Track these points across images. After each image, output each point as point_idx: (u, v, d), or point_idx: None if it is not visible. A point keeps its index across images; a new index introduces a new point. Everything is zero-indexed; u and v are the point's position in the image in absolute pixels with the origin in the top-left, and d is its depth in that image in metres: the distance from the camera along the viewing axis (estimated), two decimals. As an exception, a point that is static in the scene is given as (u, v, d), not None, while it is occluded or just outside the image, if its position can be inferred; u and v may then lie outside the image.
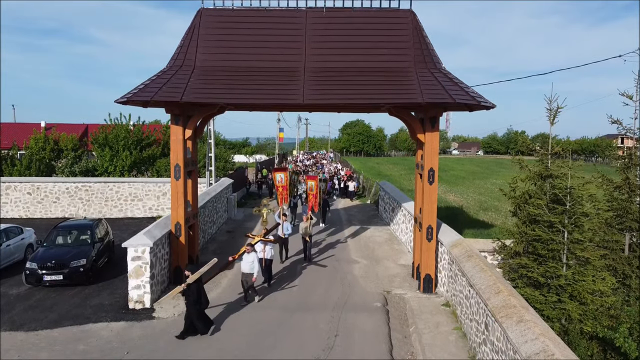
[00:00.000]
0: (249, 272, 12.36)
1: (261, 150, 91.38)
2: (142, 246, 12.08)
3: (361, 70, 12.90)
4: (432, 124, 13.25)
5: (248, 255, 12.46)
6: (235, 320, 11.56)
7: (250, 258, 12.42)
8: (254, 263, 12.36)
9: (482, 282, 9.71)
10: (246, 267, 12.40)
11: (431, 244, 13.43)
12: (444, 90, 12.23)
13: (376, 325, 11.34)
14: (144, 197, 24.69)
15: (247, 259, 12.43)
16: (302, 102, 12.27)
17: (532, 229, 9.84)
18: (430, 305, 12.59)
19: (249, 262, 12.37)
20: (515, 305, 8.17)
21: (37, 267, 13.38)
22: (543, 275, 9.33)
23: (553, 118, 10.39)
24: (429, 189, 13.33)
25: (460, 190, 43.78)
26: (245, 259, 12.47)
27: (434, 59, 13.20)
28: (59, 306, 12.41)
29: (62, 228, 15.16)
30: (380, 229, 21.92)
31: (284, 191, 18.24)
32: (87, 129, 47.55)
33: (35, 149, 29.74)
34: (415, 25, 13.27)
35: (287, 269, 15.62)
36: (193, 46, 13.18)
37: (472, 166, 79.54)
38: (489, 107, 12.90)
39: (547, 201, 9.98)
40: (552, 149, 10.48)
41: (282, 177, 18.65)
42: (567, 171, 9.88)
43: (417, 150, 15.14)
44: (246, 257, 12.47)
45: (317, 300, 12.91)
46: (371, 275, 15.11)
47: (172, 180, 13.55)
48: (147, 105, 13.77)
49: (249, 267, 12.36)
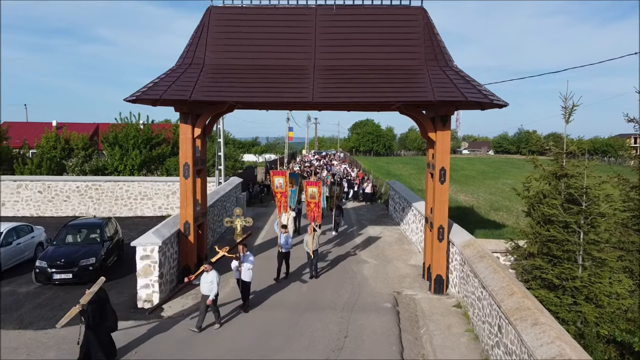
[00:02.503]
0: (206, 293, 10.74)
1: (270, 150, 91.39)
2: (151, 245, 12.04)
3: (371, 68, 12.74)
4: (443, 123, 13.05)
5: (207, 275, 10.77)
6: (244, 320, 11.47)
7: (209, 278, 10.74)
8: (212, 284, 10.68)
9: (495, 283, 9.51)
10: (204, 288, 10.78)
11: (442, 244, 13.23)
12: (456, 88, 12.03)
13: (386, 326, 11.18)
14: (154, 195, 24.73)
15: (206, 278, 10.76)
16: (312, 100, 12.14)
17: (547, 230, 9.61)
18: (441, 307, 12.39)
19: (207, 282, 10.72)
20: (529, 307, 7.97)
21: (47, 265, 13.40)
22: (558, 276, 9.10)
23: (568, 116, 10.15)
24: (440, 188, 13.13)
25: (470, 190, 43.38)
26: (203, 279, 10.83)
27: (446, 57, 13.00)
28: (68, 304, 12.33)
29: (71, 227, 15.19)
30: (390, 229, 21.73)
31: (282, 198, 15.88)
32: (98, 128, 47.88)
33: (46, 147, 29.97)
34: (427, 22, 13.08)
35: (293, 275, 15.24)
36: (202, 44, 13.11)
37: (483, 166, 78.86)
38: (502, 105, 12.67)
39: (562, 201, 9.75)
40: (567, 148, 10.24)
41: (280, 182, 16.11)
42: (583, 170, 9.65)
43: (427, 150, 14.94)
44: (205, 276, 10.80)
45: (326, 300, 12.77)
46: (381, 275, 14.94)
47: (180, 179, 13.50)
48: (156, 104, 13.74)
49: (206, 288, 10.72)
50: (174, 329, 10.92)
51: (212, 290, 10.66)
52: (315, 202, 15.61)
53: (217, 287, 10.72)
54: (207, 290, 10.72)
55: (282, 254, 14.18)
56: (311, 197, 15.82)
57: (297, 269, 15.17)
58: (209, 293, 10.68)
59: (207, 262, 10.94)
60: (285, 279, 14.16)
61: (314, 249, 14.28)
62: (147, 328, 10.98)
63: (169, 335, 10.60)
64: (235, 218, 12.85)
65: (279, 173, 16.65)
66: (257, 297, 12.82)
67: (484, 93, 12.22)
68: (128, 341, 10.23)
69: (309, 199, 15.75)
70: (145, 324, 11.21)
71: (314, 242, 14.25)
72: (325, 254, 17.33)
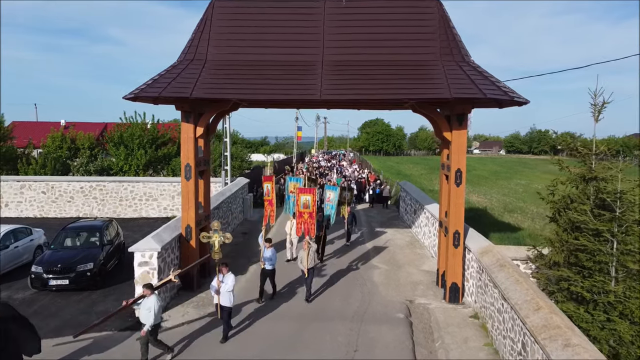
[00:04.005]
0: (143, 322, 9.23)
1: (279, 149, 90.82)
2: (150, 251, 11.42)
3: (383, 64, 12.00)
4: (459, 121, 12.27)
5: (147, 300, 9.21)
6: (248, 330, 10.80)
7: (147, 304, 9.15)
8: (150, 312, 9.06)
9: (518, 296, 8.75)
10: (142, 316, 9.26)
11: (458, 250, 12.46)
12: (474, 85, 11.26)
13: (399, 339, 10.45)
14: (159, 196, 24.19)
15: (145, 304, 9.20)
16: (320, 97, 11.44)
17: (575, 238, 8.81)
18: (457, 317, 11.63)
19: (145, 309, 9.16)
20: (559, 325, 7.20)
21: (43, 270, 12.83)
22: (589, 290, 8.30)
23: (598, 114, 9.33)
24: (455, 191, 12.36)
25: (483, 191, 42.39)
26: (142, 305, 9.26)
27: (462, 51, 12.23)
28: (64, 312, 11.84)
29: (70, 230, 14.62)
30: (401, 232, 20.96)
31: (269, 207, 14.13)
32: (106, 127, 47.59)
33: (52, 147, 29.55)
34: (442, 15, 12.31)
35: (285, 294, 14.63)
36: (205, 39, 12.46)
37: (495, 166, 77.57)
38: (522, 102, 11.88)
39: (591, 206, 8.94)
40: (596, 148, 9.42)
41: (268, 189, 14.42)
42: (615, 173, 8.83)
43: (442, 150, 14.17)
44: (144, 302, 9.25)
45: (334, 309, 12.06)
46: (392, 282, 14.20)
47: (182, 181, 12.86)
48: (157, 102, 13.11)
49: (144, 315, 9.18)
50: (172, 340, 10.25)
51: (148, 320, 9.03)
52: (309, 212, 13.16)
53: (154, 316, 9.02)
54: (144, 318, 9.16)
55: (266, 271, 12.37)
56: (304, 206, 13.16)
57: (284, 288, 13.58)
58: (144, 321, 9.15)
59: (147, 286, 9.34)
60: (271, 300, 12.51)
61: (309, 267, 12.46)
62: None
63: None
64: (213, 233, 10.51)
65: (268, 179, 14.65)
66: (260, 306, 12.16)
67: (504, 90, 11.44)
68: (123, 355, 9.61)
69: (302, 208, 13.15)
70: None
71: (310, 259, 12.48)
72: (332, 257, 16.62)
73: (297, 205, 13.11)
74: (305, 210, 13.21)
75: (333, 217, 16.30)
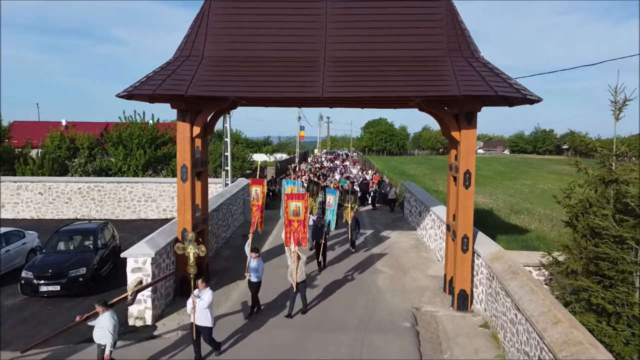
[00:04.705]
0: (99, 342, 8.26)
1: (282, 149, 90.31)
2: (143, 256, 10.88)
3: (388, 60, 11.42)
4: (468, 120, 11.70)
5: (100, 318, 8.28)
6: (245, 341, 10.24)
7: (101, 322, 8.22)
8: (103, 331, 8.11)
9: (533, 307, 8.16)
10: (96, 336, 8.28)
11: (467, 255, 11.88)
12: (484, 82, 10.68)
13: (405, 349, 9.88)
14: (158, 197, 23.70)
15: (100, 322, 8.26)
16: (322, 95, 10.86)
17: (595, 244, 8.22)
18: (466, 326, 11.05)
19: (98, 328, 8.24)
20: (581, 341, 6.62)
21: (33, 276, 12.32)
22: (611, 301, 7.71)
23: (618, 112, 8.73)
24: (464, 193, 11.78)
25: (488, 191, 41.70)
26: (97, 323, 8.34)
27: (471, 47, 11.64)
28: (55, 320, 11.32)
29: (63, 233, 14.11)
30: (405, 234, 20.38)
31: (257, 212, 12.94)
32: (107, 127, 47.12)
33: (50, 147, 29.06)
34: (450, 9, 11.72)
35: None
36: (202, 34, 11.90)
37: (500, 166, 76.79)
38: (535, 100, 11.30)
39: (612, 211, 8.35)
40: (616, 149, 8.82)
41: (257, 193, 13.12)
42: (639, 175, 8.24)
43: (449, 150, 13.58)
44: (98, 320, 8.35)
45: (337, 317, 11.49)
46: (398, 287, 13.62)
47: (178, 183, 12.31)
48: (153, 101, 12.55)
49: (98, 335, 8.23)
50: (167, 350, 9.73)
51: (107, 340, 8.05)
52: (299, 220, 11.77)
53: (111, 335, 8.06)
54: (98, 338, 8.20)
55: (251, 283, 11.38)
56: (294, 214, 11.76)
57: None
58: (99, 341, 8.20)
59: (101, 303, 8.35)
60: (256, 314, 11.52)
61: (299, 280, 11.47)
62: (137, 349, 9.81)
63: (160, 357, 9.41)
64: (188, 244, 9.34)
65: (257, 182, 13.21)
66: (258, 315, 11.60)
67: (516, 87, 10.86)
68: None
69: (292, 216, 11.78)
70: (135, 344, 10.05)
71: (299, 272, 11.48)
72: (334, 261, 16.05)
73: (285, 213, 11.80)
74: (295, 218, 11.73)
75: (333, 223, 15.70)
